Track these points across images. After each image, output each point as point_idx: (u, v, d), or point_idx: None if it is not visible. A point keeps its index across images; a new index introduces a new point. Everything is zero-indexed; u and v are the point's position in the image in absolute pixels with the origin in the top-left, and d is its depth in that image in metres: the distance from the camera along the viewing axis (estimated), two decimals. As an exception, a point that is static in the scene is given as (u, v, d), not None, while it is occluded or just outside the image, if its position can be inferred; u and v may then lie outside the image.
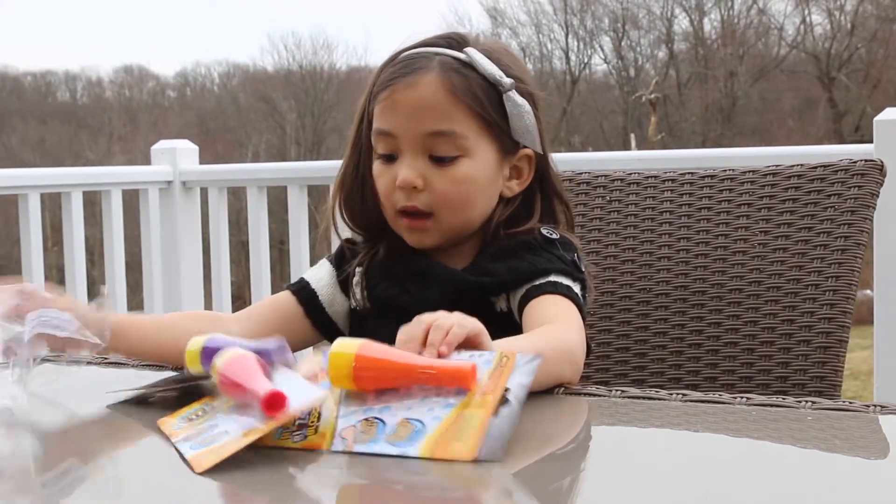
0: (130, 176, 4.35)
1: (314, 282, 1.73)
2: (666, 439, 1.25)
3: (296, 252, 4.02)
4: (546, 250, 1.64)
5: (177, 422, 1.23)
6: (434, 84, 1.61)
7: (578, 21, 25.64)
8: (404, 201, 1.62)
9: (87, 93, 30.19)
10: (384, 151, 1.64)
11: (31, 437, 1.34)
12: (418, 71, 1.62)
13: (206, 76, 30.37)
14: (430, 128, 1.61)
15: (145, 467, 1.18)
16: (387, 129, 1.63)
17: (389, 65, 1.66)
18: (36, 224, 3.94)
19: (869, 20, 23.54)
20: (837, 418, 1.23)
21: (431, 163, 1.62)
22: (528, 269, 1.61)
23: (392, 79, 1.63)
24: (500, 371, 1.20)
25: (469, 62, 1.63)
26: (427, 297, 1.62)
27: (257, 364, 1.21)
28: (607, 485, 1.10)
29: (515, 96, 1.64)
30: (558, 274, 1.62)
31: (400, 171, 1.62)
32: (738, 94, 23.67)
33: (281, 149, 25.17)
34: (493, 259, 1.64)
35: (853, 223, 1.79)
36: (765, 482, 1.06)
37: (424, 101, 1.61)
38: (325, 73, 27.15)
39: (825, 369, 1.77)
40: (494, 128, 1.64)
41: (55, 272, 6.73)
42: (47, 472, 1.17)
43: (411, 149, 1.62)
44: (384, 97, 1.63)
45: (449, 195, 1.62)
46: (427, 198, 1.62)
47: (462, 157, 1.62)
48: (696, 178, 1.92)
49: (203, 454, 1.11)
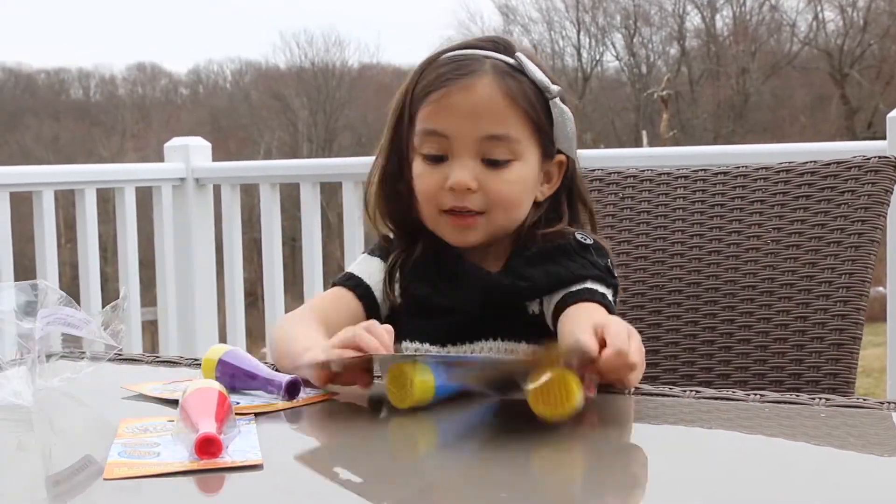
0: (143, 173, 4.35)
1: (366, 277, 1.71)
2: (678, 436, 1.26)
3: (308, 249, 4.02)
4: (581, 256, 1.65)
5: (134, 426, 1.25)
6: (491, 87, 1.61)
7: (590, 18, 25.63)
8: (455, 202, 1.62)
9: (101, 90, 30.25)
10: (433, 152, 1.63)
11: (39, 433, 1.35)
12: (473, 73, 1.62)
13: (218, 73, 30.41)
14: (486, 131, 1.61)
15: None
16: (440, 129, 1.62)
17: (435, 65, 1.65)
18: (50, 221, 3.95)
19: (881, 16, 23.47)
20: (851, 415, 1.23)
21: (484, 166, 1.62)
22: (565, 274, 1.62)
23: (445, 80, 1.62)
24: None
25: (520, 67, 1.63)
26: (461, 299, 1.63)
27: (217, 402, 1.21)
28: (619, 481, 1.10)
29: (561, 104, 1.65)
30: (594, 281, 1.63)
31: (453, 173, 1.61)
32: (750, 91, 23.61)
33: (293, 146, 25.18)
34: (529, 263, 1.65)
35: (866, 220, 1.79)
36: (778, 479, 1.06)
37: (482, 105, 1.61)
38: (337, 70, 27.16)
39: (838, 366, 1.77)
40: (542, 133, 1.65)
41: (69, 269, 6.74)
42: (57, 468, 1.18)
43: (465, 151, 1.61)
44: (436, 98, 1.62)
45: (503, 196, 1.62)
46: (480, 199, 1.62)
47: (514, 161, 1.63)
48: (709, 175, 1.92)
49: (121, 464, 1.12)
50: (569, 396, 1.21)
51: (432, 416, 1.31)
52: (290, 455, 1.21)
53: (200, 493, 1.08)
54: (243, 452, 1.15)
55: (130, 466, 1.12)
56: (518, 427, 1.26)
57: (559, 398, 1.21)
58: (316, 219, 4.04)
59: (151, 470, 1.11)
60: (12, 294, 1.44)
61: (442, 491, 1.08)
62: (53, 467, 1.19)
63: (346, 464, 1.21)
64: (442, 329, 1.64)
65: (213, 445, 1.13)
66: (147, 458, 1.14)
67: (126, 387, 1.45)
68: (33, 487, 1.12)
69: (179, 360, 1.61)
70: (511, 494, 1.05)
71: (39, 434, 1.34)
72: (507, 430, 1.27)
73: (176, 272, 4.24)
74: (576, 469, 1.17)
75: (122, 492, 1.07)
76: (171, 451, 1.16)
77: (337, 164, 4.15)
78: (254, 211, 4.93)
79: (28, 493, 1.10)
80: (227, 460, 1.12)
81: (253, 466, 1.11)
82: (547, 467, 1.16)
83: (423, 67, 1.66)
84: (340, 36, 33.51)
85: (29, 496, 1.09)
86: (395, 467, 1.18)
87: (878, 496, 1.02)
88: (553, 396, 1.21)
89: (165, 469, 1.11)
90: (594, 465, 1.18)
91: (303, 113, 25.97)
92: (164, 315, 4.20)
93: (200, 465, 1.11)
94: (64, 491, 1.10)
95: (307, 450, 1.27)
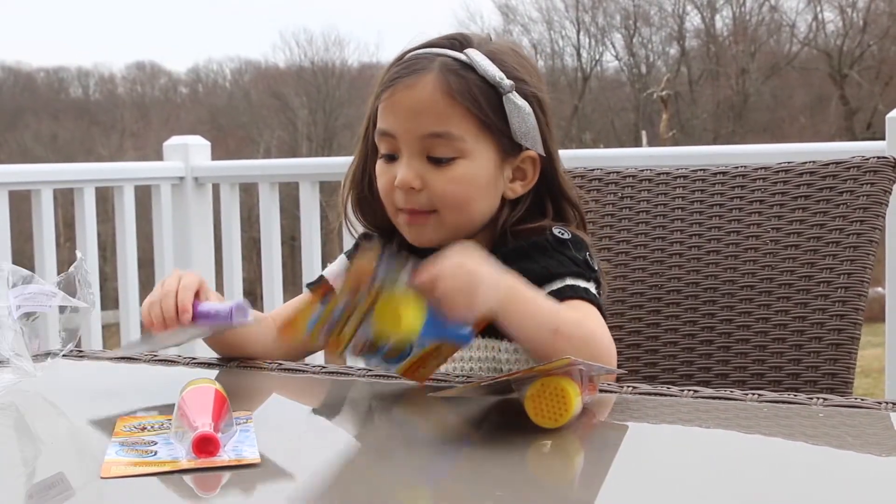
0: (143, 172, 4.36)
1: (331, 278, 1.74)
2: (677, 435, 1.26)
3: (307, 248, 4.02)
4: (558, 251, 1.64)
5: (131, 424, 1.26)
6: (431, 85, 1.61)
7: (590, 18, 25.63)
8: (403, 203, 1.63)
9: (100, 89, 30.25)
10: (385, 151, 1.65)
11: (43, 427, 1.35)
12: (418, 72, 1.63)
13: (217, 72, 30.42)
14: (426, 129, 1.61)
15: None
16: (387, 129, 1.64)
17: (394, 64, 1.67)
18: (49, 220, 3.95)
19: (881, 17, 23.48)
20: (849, 415, 1.23)
21: (429, 163, 1.62)
22: (541, 272, 1.60)
23: (393, 79, 1.64)
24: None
25: (469, 63, 1.62)
26: None
27: (213, 400, 1.21)
28: (617, 480, 1.10)
29: (516, 98, 1.63)
30: (573, 277, 1.61)
31: (399, 172, 1.62)
32: (749, 91, 23.62)
33: (292, 145, 25.18)
34: (505, 261, 1.64)
35: (865, 220, 1.79)
36: (776, 478, 1.06)
37: (421, 103, 1.61)
38: (336, 69, 27.17)
39: (837, 366, 1.77)
40: (493, 129, 1.63)
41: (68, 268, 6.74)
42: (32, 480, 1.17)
43: (409, 149, 1.62)
44: (385, 97, 1.64)
45: (447, 194, 1.62)
46: (425, 198, 1.62)
47: (459, 159, 1.62)
48: (708, 175, 1.92)
49: (118, 462, 1.12)
50: (567, 407, 1.20)
51: (430, 416, 1.31)
52: (288, 454, 1.21)
53: (197, 492, 1.08)
54: (240, 451, 1.15)
55: (127, 464, 1.12)
56: (513, 424, 1.26)
57: (557, 409, 1.20)
58: (315, 218, 4.04)
59: (148, 468, 1.11)
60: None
61: (438, 489, 1.08)
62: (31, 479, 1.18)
63: (343, 462, 1.21)
64: None
65: (210, 444, 1.13)
66: (144, 456, 1.14)
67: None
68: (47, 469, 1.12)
69: (177, 360, 1.61)
70: (506, 492, 1.05)
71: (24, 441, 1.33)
72: (503, 427, 1.27)
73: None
74: (571, 467, 1.17)
75: (119, 490, 1.07)
76: (169, 449, 1.16)
77: (336, 164, 4.14)
78: (253, 210, 4.93)
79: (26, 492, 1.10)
80: (225, 459, 1.12)
81: (250, 465, 1.11)
82: (542, 466, 1.16)
83: (387, 68, 1.68)
84: (340, 35, 33.56)
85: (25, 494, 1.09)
86: (390, 465, 1.18)
87: (876, 496, 1.02)
88: (550, 407, 1.20)
89: (162, 467, 1.11)
90: (590, 464, 1.18)
91: (302, 112, 25.98)
92: (162, 314, 4.19)
93: (197, 464, 1.11)
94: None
95: (304, 448, 1.27)
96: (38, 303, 1.43)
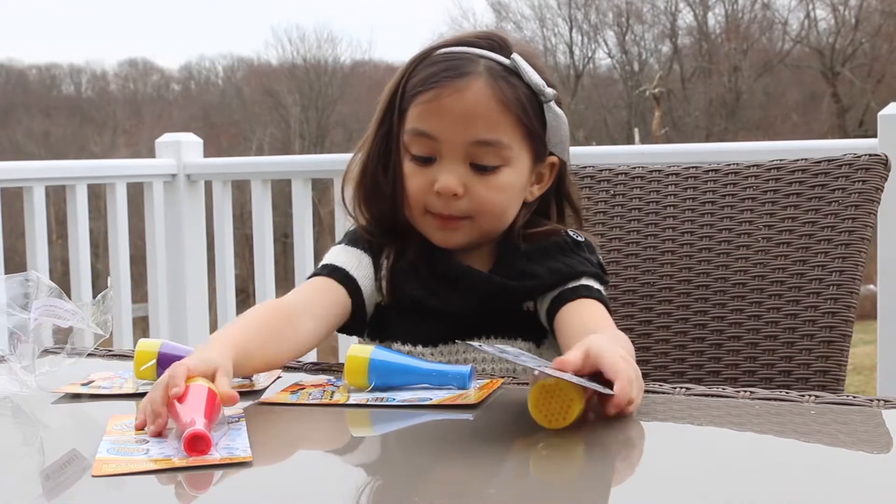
0: (135, 169, 4.35)
1: (353, 269, 1.65)
2: (669, 433, 1.26)
3: (300, 245, 4.02)
4: (576, 252, 1.64)
5: (123, 423, 1.26)
6: (483, 92, 1.57)
7: (582, 15, 25.62)
8: (441, 208, 1.59)
9: (92, 86, 30.18)
10: (422, 153, 1.60)
11: (36, 426, 1.35)
12: (466, 76, 1.58)
13: (210, 69, 30.35)
14: (476, 136, 1.58)
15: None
16: (429, 131, 1.59)
17: (428, 62, 1.61)
18: (41, 217, 3.94)
19: (873, 15, 23.50)
20: (841, 412, 1.23)
21: (472, 170, 1.59)
22: (566, 270, 1.61)
23: (437, 80, 1.58)
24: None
25: (515, 69, 1.60)
26: (459, 302, 1.61)
27: (206, 399, 1.21)
28: (609, 478, 1.10)
29: (555, 107, 1.62)
30: (589, 277, 1.62)
31: (440, 177, 1.58)
32: (741, 89, 23.62)
33: (285, 142, 25.13)
34: (530, 260, 1.63)
35: (857, 218, 1.79)
36: (768, 476, 1.06)
37: (474, 110, 1.57)
38: (329, 66, 27.12)
39: (829, 364, 1.77)
40: (534, 137, 1.62)
41: (60, 265, 6.73)
42: (46, 462, 1.18)
43: (453, 154, 1.58)
44: (428, 98, 1.58)
45: (486, 203, 1.60)
46: (465, 205, 1.59)
47: (503, 167, 1.60)
48: (700, 173, 1.92)
49: (109, 460, 1.12)
50: (568, 411, 1.20)
51: (424, 413, 1.31)
52: (279, 452, 1.21)
53: (189, 490, 1.08)
54: (232, 449, 1.14)
55: (119, 463, 1.11)
56: (509, 423, 1.27)
57: (559, 411, 1.20)
58: (307, 215, 4.04)
59: (140, 467, 1.11)
60: (5, 286, 1.44)
61: (432, 486, 1.08)
62: (44, 462, 1.19)
63: (335, 460, 1.21)
64: (437, 331, 1.62)
65: (201, 442, 1.13)
66: (136, 454, 1.14)
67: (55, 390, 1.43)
68: (27, 483, 1.12)
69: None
70: (500, 490, 1.05)
71: (30, 429, 1.34)
72: (499, 426, 1.27)
73: (167, 268, 4.23)
74: (565, 465, 1.17)
75: (111, 488, 1.07)
76: (160, 447, 1.16)
77: (328, 161, 4.14)
78: (245, 207, 4.92)
79: (22, 488, 1.10)
80: (216, 457, 1.12)
81: (242, 463, 1.11)
82: (536, 464, 1.16)
83: (415, 63, 1.62)
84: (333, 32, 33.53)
85: (23, 492, 1.09)
86: (383, 463, 1.18)
87: (868, 492, 1.02)
88: (552, 407, 1.20)
89: (154, 466, 1.11)
90: (584, 462, 1.18)
91: (295, 109, 25.92)
92: (154, 311, 4.19)
93: (189, 462, 1.11)
94: (54, 486, 1.09)
95: (296, 447, 1.27)
96: (58, 316, 1.43)
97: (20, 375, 1.37)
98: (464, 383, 1.36)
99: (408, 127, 1.61)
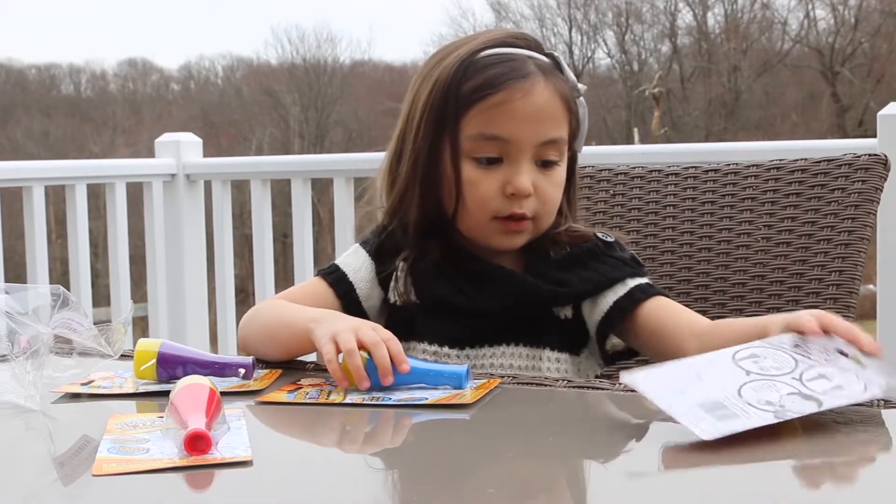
0: (134, 169, 4.34)
1: (351, 273, 1.67)
2: (669, 432, 1.26)
3: (299, 245, 4.02)
4: (609, 255, 1.65)
5: (123, 422, 1.26)
6: (548, 91, 1.59)
7: (582, 15, 25.65)
8: (515, 208, 1.59)
9: (92, 86, 30.21)
10: (491, 155, 1.60)
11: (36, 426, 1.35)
12: (529, 76, 1.59)
13: (209, 69, 30.38)
14: (546, 136, 1.60)
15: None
16: (501, 134, 1.58)
17: (478, 66, 1.59)
18: (40, 217, 3.94)
19: (872, 15, 23.52)
20: (841, 412, 1.23)
21: (537, 168, 1.60)
22: (601, 280, 1.62)
23: (502, 83, 1.57)
24: None
25: (559, 66, 1.63)
26: (489, 301, 1.61)
27: (207, 397, 1.20)
28: (608, 477, 1.10)
29: (583, 101, 1.65)
30: (631, 277, 1.62)
31: (515, 179, 1.58)
32: (741, 89, 23.64)
33: (284, 142, 25.15)
34: (561, 268, 1.63)
35: (857, 217, 1.79)
36: (766, 476, 1.06)
37: (543, 109, 1.59)
38: (328, 66, 27.13)
39: (828, 363, 1.77)
40: (573, 131, 1.65)
41: (59, 265, 6.74)
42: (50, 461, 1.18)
43: (524, 155, 1.59)
44: (496, 101, 1.57)
45: (550, 199, 1.62)
46: (535, 203, 1.60)
47: (559, 163, 1.62)
48: (700, 173, 1.92)
49: (110, 460, 1.12)
50: None
51: (424, 412, 1.31)
52: (280, 451, 1.21)
53: (189, 490, 1.08)
54: (232, 448, 1.14)
55: (119, 462, 1.11)
56: (506, 422, 1.27)
57: None
58: (307, 215, 4.04)
59: (140, 466, 1.11)
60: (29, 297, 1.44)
61: (430, 485, 1.08)
62: (44, 462, 1.19)
63: (335, 459, 1.21)
64: (465, 332, 1.62)
65: (202, 441, 1.13)
66: (136, 454, 1.14)
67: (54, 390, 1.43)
68: (40, 471, 1.13)
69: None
70: (498, 490, 1.05)
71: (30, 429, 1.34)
72: (496, 425, 1.27)
73: (166, 268, 4.23)
74: (564, 465, 1.17)
75: (111, 488, 1.07)
76: (161, 447, 1.16)
77: (328, 161, 4.14)
78: (245, 207, 4.91)
79: (36, 476, 1.11)
80: (217, 456, 1.12)
81: (242, 462, 1.11)
82: (534, 463, 1.16)
83: (462, 66, 1.59)
84: (332, 32, 33.60)
85: (23, 491, 1.09)
86: (382, 462, 1.18)
87: (868, 492, 1.02)
88: None
89: (154, 465, 1.11)
90: (584, 462, 1.18)
91: (294, 109, 25.94)
92: (154, 311, 4.19)
93: (189, 462, 1.11)
94: (69, 471, 1.10)
95: (295, 446, 1.27)
96: (72, 329, 1.43)
97: (21, 375, 1.37)
98: (460, 383, 1.37)
99: (472, 132, 1.59)
